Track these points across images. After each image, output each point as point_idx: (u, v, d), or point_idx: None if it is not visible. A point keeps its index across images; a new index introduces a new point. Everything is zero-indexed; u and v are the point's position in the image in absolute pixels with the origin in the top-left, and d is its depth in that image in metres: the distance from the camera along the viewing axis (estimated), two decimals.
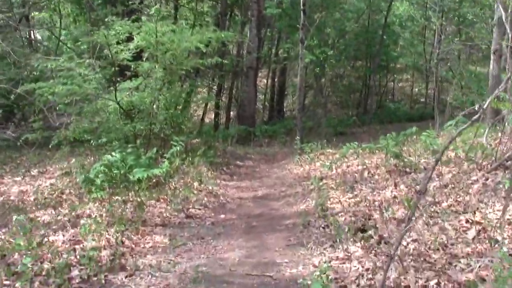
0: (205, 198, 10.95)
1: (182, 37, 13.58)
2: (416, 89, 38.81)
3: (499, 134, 10.06)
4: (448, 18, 30.81)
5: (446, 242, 6.25)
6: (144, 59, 13.98)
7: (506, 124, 9.70)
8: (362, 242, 6.71)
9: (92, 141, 13.24)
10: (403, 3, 34.22)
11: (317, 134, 23.09)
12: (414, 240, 6.45)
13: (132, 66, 13.55)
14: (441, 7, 26.87)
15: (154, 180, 11.28)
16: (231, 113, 27.34)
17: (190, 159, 13.34)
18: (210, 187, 11.84)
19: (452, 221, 6.96)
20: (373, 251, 6.32)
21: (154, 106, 14.20)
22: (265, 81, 33.87)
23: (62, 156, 14.27)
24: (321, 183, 11.22)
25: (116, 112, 13.77)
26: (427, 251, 6.08)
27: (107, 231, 7.69)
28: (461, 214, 7.18)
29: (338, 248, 6.73)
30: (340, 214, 8.66)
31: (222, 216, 9.82)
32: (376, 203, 8.95)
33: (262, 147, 21.78)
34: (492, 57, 15.40)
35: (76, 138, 13.29)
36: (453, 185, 8.70)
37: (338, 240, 6.95)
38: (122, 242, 7.45)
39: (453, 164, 10.59)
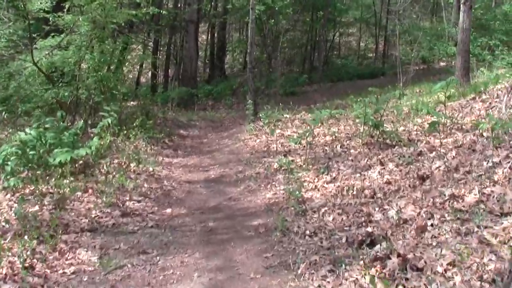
0: (145, 184, 8.73)
1: None
2: (363, 44, 37.07)
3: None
4: None
5: (503, 268, 4.28)
6: (65, 10, 11.47)
7: None
8: (377, 267, 4.68)
9: (3, 113, 10.88)
10: None
11: (266, 95, 21.01)
12: (451, 264, 4.47)
13: (51, 18, 11.03)
14: None
15: (80, 162, 9.03)
16: (169, 71, 24.85)
17: (125, 132, 11.09)
18: (151, 168, 9.62)
19: (491, 228, 5.00)
20: (400, 286, 4.31)
21: (83, 67, 11.89)
22: (204, 36, 31.41)
23: None
24: (286, 161, 9.20)
25: (34, 75, 11.40)
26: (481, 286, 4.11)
27: (11, 249, 5.47)
28: (501, 217, 5.23)
29: (344, 278, 4.67)
30: (324, 210, 6.66)
31: (168, 210, 7.63)
32: (367, 191, 6.99)
33: (206, 111, 19.47)
34: (462, 8, 13.73)
35: None
36: (466, 169, 6.76)
37: (340, 263, 4.88)
38: (32, 268, 5.24)
39: (443, 135, 8.73)
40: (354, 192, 7.07)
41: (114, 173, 8.73)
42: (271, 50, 23.97)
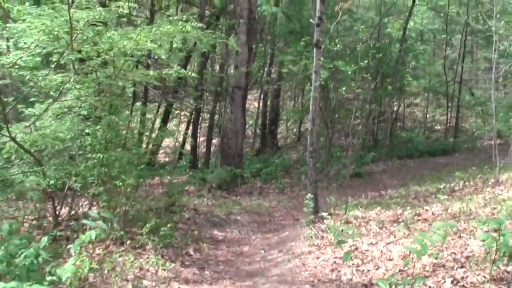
0: None
1: (120, 32, 7.98)
2: (427, 115, 33.40)
3: None
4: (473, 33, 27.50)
5: None
6: (52, 66, 8.29)
7: None
8: None
9: None
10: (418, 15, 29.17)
11: (325, 176, 17.40)
12: None
13: (29, 77, 7.83)
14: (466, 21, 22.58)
15: None
16: (213, 143, 21.59)
17: (129, 241, 7.70)
18: None
19: None
20: None
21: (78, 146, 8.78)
22: (256, 104, 28.38)
23: None
24: None
25: (12, 153, 8.33)
26: None
27: None
28: None
29: None
30: None
31: None
32: None
33: (252, 197, 15.70)
34: None
35: None
36: None
37: None
38: None
39: None
40: None
41: None
42: (331, 122, 20.58)
